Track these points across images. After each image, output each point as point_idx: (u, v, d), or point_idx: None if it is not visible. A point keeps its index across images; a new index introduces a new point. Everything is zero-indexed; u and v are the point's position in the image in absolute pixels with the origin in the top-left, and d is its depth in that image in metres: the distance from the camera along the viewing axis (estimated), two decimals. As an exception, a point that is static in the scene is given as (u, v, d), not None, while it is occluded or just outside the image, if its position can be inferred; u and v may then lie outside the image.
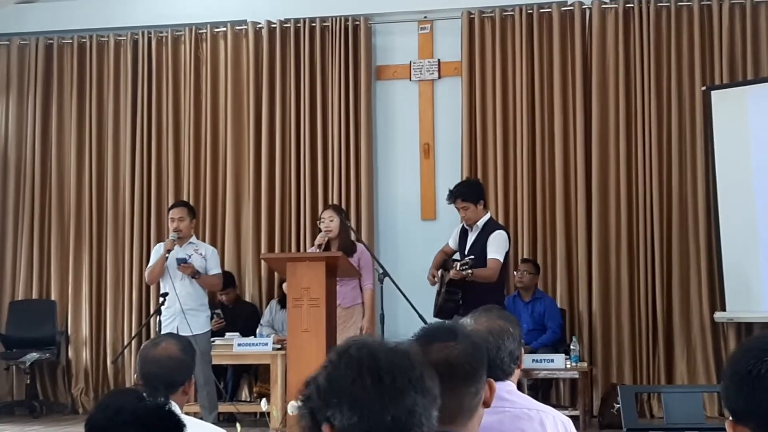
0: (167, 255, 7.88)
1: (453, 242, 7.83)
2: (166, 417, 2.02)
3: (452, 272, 7.25)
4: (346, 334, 8.00)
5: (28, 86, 10.45)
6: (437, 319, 7.19)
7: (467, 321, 3.11)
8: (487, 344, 2.91)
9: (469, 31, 9.65)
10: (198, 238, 9.44)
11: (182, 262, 7.87)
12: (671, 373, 9.12)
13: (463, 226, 7.73)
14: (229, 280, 9.49)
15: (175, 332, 7.26)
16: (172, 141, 10.12)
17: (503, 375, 2.96)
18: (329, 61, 9.89)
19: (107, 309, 10.08)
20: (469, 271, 7.12)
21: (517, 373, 3.08)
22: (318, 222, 8.33)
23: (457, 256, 7.75)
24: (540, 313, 8.90)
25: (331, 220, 8.07)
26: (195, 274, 7.91)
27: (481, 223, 7.53)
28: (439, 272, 7.67)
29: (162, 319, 7.79)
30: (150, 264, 8.13)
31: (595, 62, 9.40)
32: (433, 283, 7.67)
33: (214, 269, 8.17)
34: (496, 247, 7.37)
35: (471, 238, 7.56)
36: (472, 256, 7.26)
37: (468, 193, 7.56)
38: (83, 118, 10.34)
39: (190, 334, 7.38)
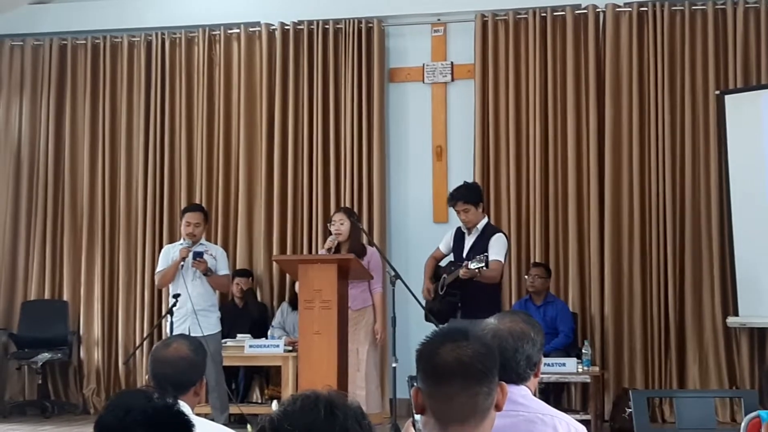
0: (182, 262, 7.89)
1: (445, 246, 7.88)
2: (175, 417, 2.02)
3: (462, 270, 7.26)
4: (355, 337, 8.01)
5: (42, 87, 10.48)
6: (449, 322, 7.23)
7: (491, 320, 3.10)
8: (505, 344, 2.91)
9: (483, 33, 9.63)
10: (210, 240, 9.50)
11: (199, 256, 7.88)
12: (683, 377, 9.09)
13: (458, 229, 7.77)
14: (245, 271, 9.65)
15: (187, 333, 7.27)
16: (184, 142, 10.14)
17: (517, 379, 2.94)
18: (342, 63, 9.89)
19: (119, 309, 10.10)
20: (482, 266, 7.12)
21: (533, 380, 3.06)
22: (329, 224, 8.34)
23: (450, 258, 7.79)
24: (552, 316, 8.87)
25: (342, 223, 8.07)
26: (207, 271, 7.93)
27: (480, 225, 7.61)
28: (442, 279, 7.68)
29: (173, 320, 7.80)
30: (160, 268, 8.13)
31: (609, 66, 9.37)
32: (428, 298, 7.72)
33: (224, 270, 8.20)
34: (498, 249, 7.44)
35: (470, 240, 7.60)
36: (486, 254, 7.28)
37: (469, 195, 7.62)
38: (96, 119, 10.36)
39: (201, 335, 7.39)
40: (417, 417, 2.47)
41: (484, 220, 7.69)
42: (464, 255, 7.54)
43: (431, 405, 2.36)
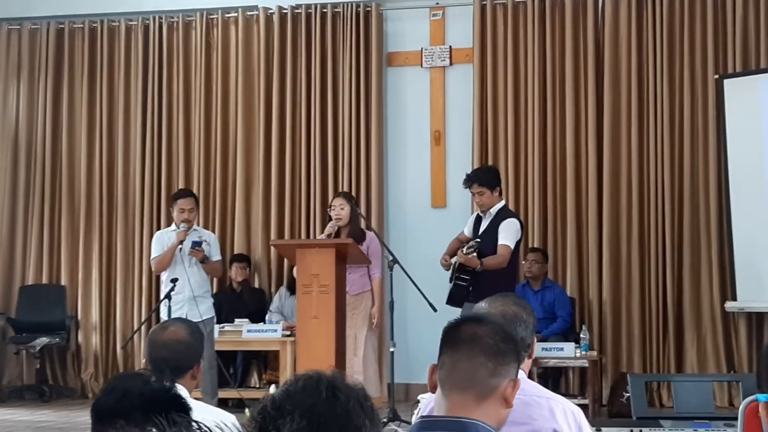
0: (180, 246, 7.87)
1: (468, 230, 7.82)
2: (172, 400, 2.01)
3: (458, 255, 7.26)
4: (354, 322, 8.01)
5: (39, 71, 10.45)
6: (447, 306, 7.23)
7: (482, 305, 3.12)
8: None
9: (481, 17, 9.61)
10: (208, 226, 9.50)
11: (197, 246, 7.86)
12: (681, 362, 9.10)
13: (477, 214, 7.73)
14: (243, 258, 9.61)
15: (184, 318, 7.28)
16: (182, 126, 10.12)
17: None
18: (340, 48, 9.86)
19: (117, 294, 10.10)
20: (474, 254, 7.13)
21: (527, 362, 3.07)
22: (328, 209, 8.33)
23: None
24: (550, 301, 8.88)
25: (342, 208, 8.06)
26: (204, 259, 7.92)
27: (494, 210, 7.53)
28: (453, 260, 7.65)
29: (171, 305, 7.79)
30: (156, 254, 8.07)
31: (608, 50, 9.36)
32: (446, 267, 7.65)
33: (216, 256, 8.19)
34: (507, 233, 7.36)
35: (484, 224, 7.56)
36: (478, 239, 7.28)
37: (484, 177, 7.56)
38: (94, 103, 10.34)
39: (200, 319, 7.40)
40: (421, 396, 2.50)
41: (499, 205, 7.58)
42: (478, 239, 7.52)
43: (440, 375, 2.39)
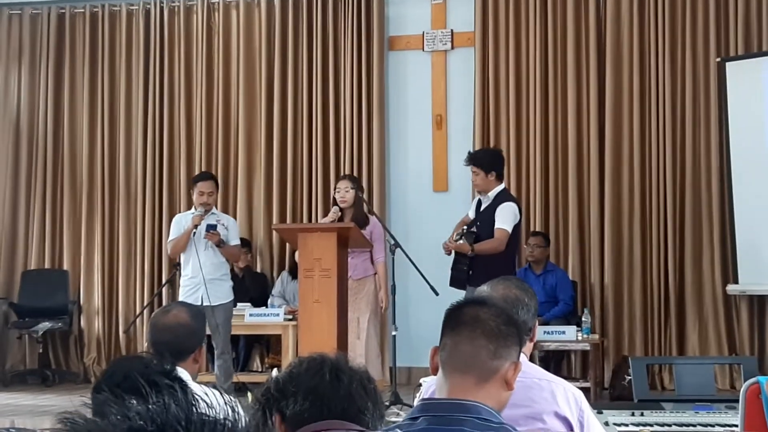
0: (195, 230, 7.83)
1: (472, 213, 7.83)
2: (173, 383, 2.02)
3: (448, 242, 7.28)
4: (356, 306, 8.02)
5: (41, 56, 10.44)
6: (449, 290, 7.24)
7: (484, 288, 3.12)
8: None
9: (483, 1, 9.58)
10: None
11: (212, 229, 7.82)
12: (683, 345, 9.11)
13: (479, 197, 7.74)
14: (245, 243, 9.58)
15: (199, 303, 7.32)
16: (184, 111, 10.11)
17: None
18: (342, 32, 9.84)
19: (119, 278, 10.11)
20: (461, 241, 7.16)
21: (529, 346, 3.08)
22: (333, 192, 8.32)
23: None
24: (552, 285, 8.88)
25: (347, 191, 8.06)
26: (220, 243, 7.87)
27: (492, 194, 7.51)
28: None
29: (185, 289, 7.80)
30: (173, 237, 8.05)
31: (610, 33, 9.34)
32: (447, 252, 7.66)
33: (235, 240, 8.13)
34: (504, 217, 7.33)
35: (482, 207, 7.56)
36: (465, 227, 7.29)
37: (481, 159, 7.52)
38: (95, 88, 10.34)
39: (214, 304, 7.45)
40: (423, 380, 2.50)
41: (498, 189, 7.52)
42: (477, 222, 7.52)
43: (441, 357, 2.39)
